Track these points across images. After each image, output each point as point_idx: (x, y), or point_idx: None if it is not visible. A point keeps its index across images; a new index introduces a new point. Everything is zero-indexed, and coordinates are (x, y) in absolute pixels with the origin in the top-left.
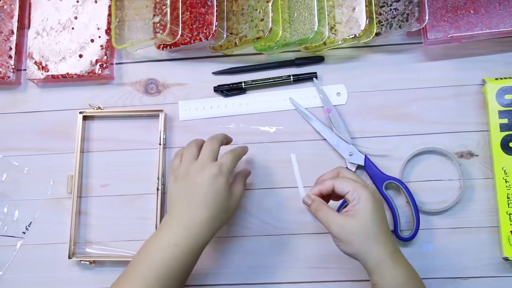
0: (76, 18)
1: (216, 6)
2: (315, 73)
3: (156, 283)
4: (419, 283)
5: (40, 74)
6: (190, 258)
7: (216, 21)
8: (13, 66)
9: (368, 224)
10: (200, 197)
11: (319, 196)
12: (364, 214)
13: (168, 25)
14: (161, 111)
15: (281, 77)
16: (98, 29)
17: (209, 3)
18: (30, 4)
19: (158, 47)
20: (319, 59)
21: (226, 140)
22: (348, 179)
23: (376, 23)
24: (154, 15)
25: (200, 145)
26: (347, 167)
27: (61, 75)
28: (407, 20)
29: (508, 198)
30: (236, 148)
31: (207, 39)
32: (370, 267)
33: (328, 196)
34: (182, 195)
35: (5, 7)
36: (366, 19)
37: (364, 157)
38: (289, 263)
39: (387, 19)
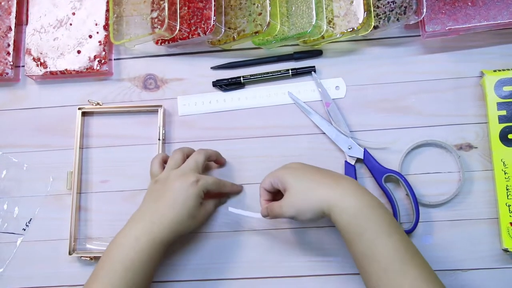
0: (74, 14)
1: (214, 1)
2: (314, 67)
3: (121, 278)
4: (378, 211)
5: (39, 71)
6: (151, 253)
7: (214, 16)
8: (11, 63)
9: (299, 187)
10: (170, 199)
11: (270, 200)
12: (290, 184)
13: (166, 20)
14: (160, 106)
15: (280, 71)
16: (96, 24)
17: None
18: (28, 0)
19: (157, 42)
20: (317, 53)
21: (216, 158)
22: (268, 175)
23: (374, 16)
24: (152, 10)
25: (186, 154)
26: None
27: (60, 71)
28: (405, 13)
29: (507, 189)
30: (226, 182)
31: (205, 34)
32: (328, 213)
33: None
34: (155, 195)
35: (2, 3)
36: (364, 12)
37: (363, 150)
38: (289, 257)
39: (385, 12)
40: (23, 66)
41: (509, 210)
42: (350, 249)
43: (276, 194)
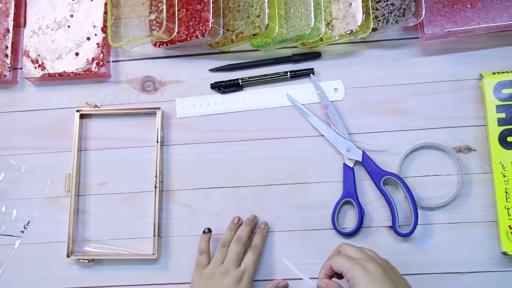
0: (72, 16)
1: (212, 3)
2: (312, 69)
3: None
4: None
5: (37, 73)
6: None
7: (212, 18)
8: (10, 65)
9: None
10: None
11: (331, 277)
12: None
13: (164, 23)
14: (158, 108)
15: (278, 73)
16: (94, 27)
17: (205, 0)
18: (25, 2)
19: (155, 45)
20: (316, 55)
21: (252, 229)
22: (342, 257)
23: (373, 19)
24: (150, 13)
25: (225, 246)
26: (349, 246)
27: (58, 73)
28: (403, 15)
29: (506, 192)
30: (257, 244)
31: (203, 36)
32: None
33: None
34: None
35: (0, 5)
36: (363, 14)
37: (361, 152)
38: (287, 259)
39: (384, 14)
40: (21, 68)
41: (508, 213)
42: None
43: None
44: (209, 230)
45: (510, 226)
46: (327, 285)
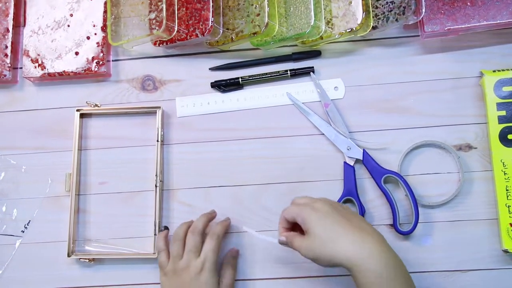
0: (71, 15)
1: (212, 2)
2: (312, 67)
3: None
4: (399, 272)
5: (37, 72)
6: None
7: (212, 17)
8: (9, 65)
9: (321, 235)
10: None
11: (289, 229)
12: (313, 229)
13: (164, 21)
14: (159, 107)
15: (278, 72)
16: (94, 26)
17: None
18: (25, 1)
19: (155, 44)
20: (316, 54)
21: (209, 220)
22: (292, 206)
23: (373, 17)
24: (150, 12)
25: (183, 238)
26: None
27: (58, 73)
28: (403, 13)
29: (507, 190)
30: (216, 230)
31: (203, 35)
32: (348, 269)
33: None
34: None
35: (0, 5)
36: (363, 12)
37: (362, 151)
38: (285, 258)
39: (384, 13)
40: (21, 68)
41: (509, 210)
42: None
43: (295, 224)
44: (166, 228)
45: (511, 224)
46: (287, 237)
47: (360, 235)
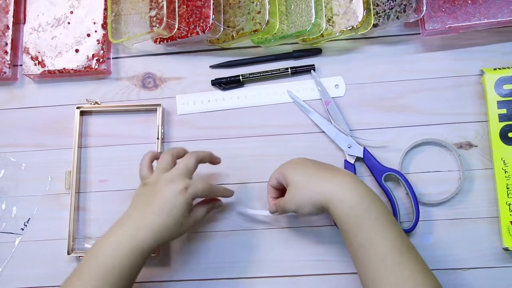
0: (72, 12)
1: None
2: (313, 65)
3: (100, 280)
4: (373, 204)
5: (37, 70)
6: (133, 259)
7: (213, 14)
8: (9, 62)
9: (298, 181)
10: (157, 206)
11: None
12: (291, 179)
13: (165, 19)
14: (159, 105)
15: (279, 69)
16: (94, 23)
17: None
18: None
19: (155, 41)
20: (316, 51)
21: (210, 159)
22: (273, 172)
23: (374, 14)
24: (150, 9)
25: (176, 156)
26: None
27: (58, 70)
28: (404, 11)
29: (507, 188)
30: (218, 186)
31: (204, 33)
32: (326, 207)
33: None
34: (142, 200)
35: (0, 2)
36: (364, 10)
37: (363, 149)
38: (287, 256)
39: (385, 10)
40: (21, 65)
41: (510, 208)
42: (348, 241)
43: (283, 191)
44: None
45: (511, 222)
46: (275, 203)
47: (332, 173)
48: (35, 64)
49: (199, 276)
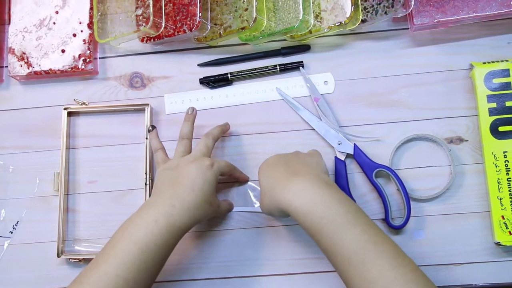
0: (57, 12)
1: None
2: (302, 62)
3: (134, 260)
4: (331, 207)
5: (23, 71)
6: (168, 238)
7: (199, 12)
8: None
9: (265, 186)
10: (187, 182)
11: None
12: (260, 182)
13: (151, 18)
14: (147, 105)
15: (267, 67)
16: (80, 23)
17: None
18: None
19: (142, 40)
20: (305, 48)
21: (223, 132)
22: None
23: (362, 10)
24: (136, 8)
25: (191, 137)
26: None
27: (44, 71)
28: (392, 6)
29: (498, 182)
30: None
31: (191, 31)
32: (290, 213)
33: None
34: (169, 181)
35: None
36: (351, 6)
37: (353, 145)
38: (280, 255)
39: (373, 6)
40: (7, 66)
41: (501, 203)
42: (318, 247)
43: None
44: (153, 127)
45: (503, 216)
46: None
47: (289, 178)
48: (21, 65)
49: (190, 276)
